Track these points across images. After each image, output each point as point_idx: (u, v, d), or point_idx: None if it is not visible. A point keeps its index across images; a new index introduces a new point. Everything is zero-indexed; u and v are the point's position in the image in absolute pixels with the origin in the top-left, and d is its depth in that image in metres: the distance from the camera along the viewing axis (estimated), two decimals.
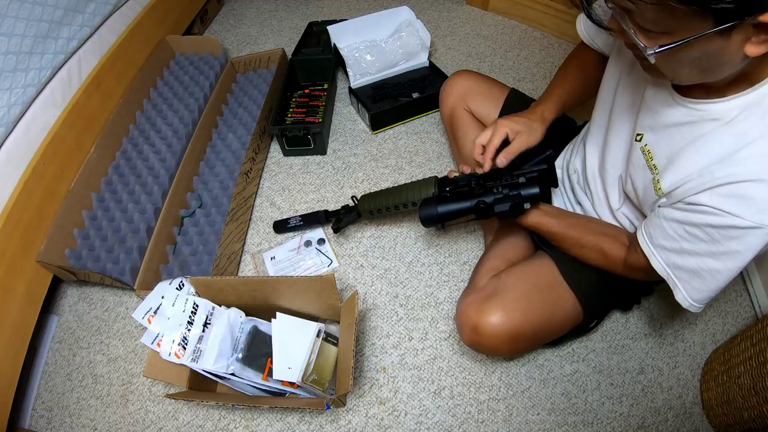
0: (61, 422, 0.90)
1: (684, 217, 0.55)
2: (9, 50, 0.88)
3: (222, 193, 1.15)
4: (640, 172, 0.63)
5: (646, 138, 0.61)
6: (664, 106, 0.58)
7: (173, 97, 1.29)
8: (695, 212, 0.53)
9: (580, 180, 0.81)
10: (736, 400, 0.77)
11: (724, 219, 0.50)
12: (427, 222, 0.77)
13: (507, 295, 0.74)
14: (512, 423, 0.86)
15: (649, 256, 0.60)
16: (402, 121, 1.35)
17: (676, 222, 0.56)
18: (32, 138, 0.93)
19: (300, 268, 1.06)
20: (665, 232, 0.57)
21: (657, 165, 0.59)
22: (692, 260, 0.55)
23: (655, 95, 0.59)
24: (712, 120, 0.52)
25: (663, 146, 0.59)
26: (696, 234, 0.53)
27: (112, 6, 1.16)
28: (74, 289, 1.07)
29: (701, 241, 0.53)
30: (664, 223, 0.58)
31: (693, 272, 0.56)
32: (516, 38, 1.62)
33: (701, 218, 0.52)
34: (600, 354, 0.93)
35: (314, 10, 1.80)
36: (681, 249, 0.56)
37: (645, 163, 0.61)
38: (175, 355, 0.77)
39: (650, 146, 0.61)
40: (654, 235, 0.59)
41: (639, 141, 0.63)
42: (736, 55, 0.42)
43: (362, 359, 0.94)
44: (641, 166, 0.62)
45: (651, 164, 0.60)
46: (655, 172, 0.60)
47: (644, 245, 0.61)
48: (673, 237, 0.56)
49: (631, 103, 0.66)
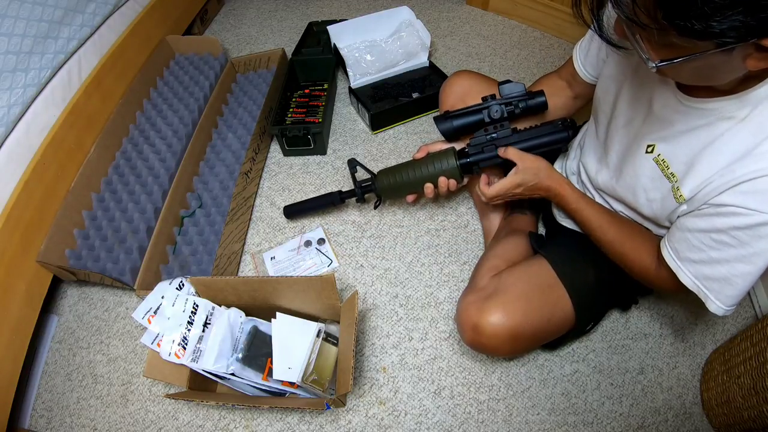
0: (61, 422, 0.90)
1: (708, 224, 0.54)
2: (9, 50, 0.88)
3: (222, 193, 1.15)
4: (657, 184, 0.61)
5: (659, 148, 0.60)
6: (674, 113, 0.57)
7: (173, 97, 1.29)
8: (719, 215, 0.52)
9: (578, 182, 0.82)
10: (736, 400, 0.77)
11: (749, 218, 0.49)
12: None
13: (507, 294, 0.74)
14: (512, 423, 0.86)
15: (676, 271, 0.59)
16: (402, 121, 1.35)
17: (701, 231, 0.55)
18: (32, 138, 0.93)
19: (300, 268, 1.06)
20: (690, 244, 0.56)
21: (675, 173, 0.58)
22: (722, 268, 0.54)
23: (665, 104, 0.59)
24: (727, 119, 0.52)
25: (680, 153, 0.57)
26: (723, 240, 0.52)
27: (112, 6, 1.16)
28: (74, 289, 1.07)
29: (729, 246, 0.52)
30: (688, 235, 0.56)
31: (724, 280, 0.55)
32: (516, 38, 1.62)
33: (726, 222, 0.51)
34: (600, 354, 0.93)
35: (314, 10, 1.80)
36: (709, 259, 0.55)
37: (661, 174, 0.60)
38: (175, 355, 0.77)
39: (664, 155, 0.60)
40: (680, 249, 0.58)
41: (651, 152, 0.61)
42: (738, 66, 0.43)
43: (362, 359, 0.94)
44: (657, 177, 0.61)
45: (668, 173, 0.59)
46: (673, 179, 0.59)
47: (670, 261, 0.60)
48: (699, 248, 0.55)
49: (633, 118, 0.65)
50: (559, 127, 0.79)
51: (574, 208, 0.74)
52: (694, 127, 0.55)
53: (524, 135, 0.80)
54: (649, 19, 0.39)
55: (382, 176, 0.92)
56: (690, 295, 0.59)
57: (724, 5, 0.35)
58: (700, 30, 0.36)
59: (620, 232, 0.70)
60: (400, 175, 0.89)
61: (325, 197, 1.03)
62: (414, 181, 0.88)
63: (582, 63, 0.78)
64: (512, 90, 0.80)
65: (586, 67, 0.78)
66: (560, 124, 0.79)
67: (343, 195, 1.01)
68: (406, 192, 0.91)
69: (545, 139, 0.79)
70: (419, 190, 0.89)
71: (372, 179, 0.94)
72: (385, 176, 0.91)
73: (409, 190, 0.90)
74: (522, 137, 0.80)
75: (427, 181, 0.86)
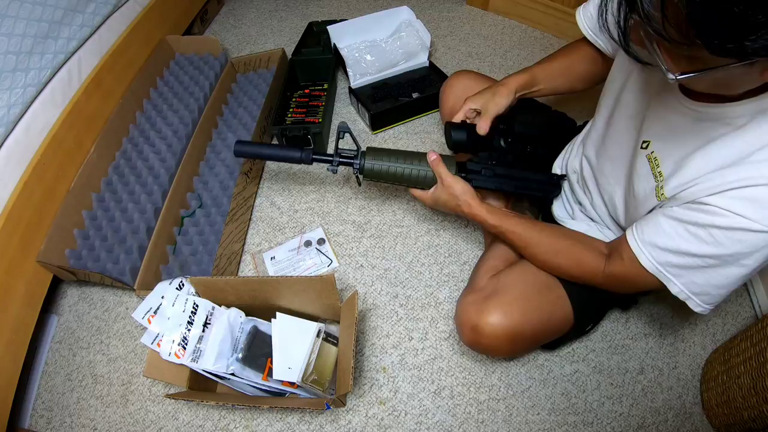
0: (61, 422, 0.90)
1: (686, 215, 0.53)
2: (9, 50, 0.88)
3: (222, 193, 1.15)
4: (643, 181, 0.61)
5: (654, 145, 0.60)
6: (673, 112, 0.57)
7: (173, 97, 1.29)
8: (701, 212, 0.51)
9: (579, 180, 0.81)
10: (736, 400, 0.77)
11: (731, 220, 0.48)
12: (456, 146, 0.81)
13: (506, 295, 0.74)
14: (512, 423, 0.86)
15: (637, 254, 0.58)
16: (402, 121, 1.35)
17: (677, 220, 0.54)
18: (32, 138, 0.93)
19: (300, 268, 1.06)
20: (661, 229, 0.56)
21: (663, 172, 0.58)
22: (690, 260, 0.54)
23: (665, 103, 0.59)
24: (725, 125, 0.51)
25: (672, 152, 0.57)
26: (699, 235, 0.52)
27: (112, 6, 1.16)
28: (74, 289, 1.07)
29: (704, 242, 0.52)
30: (661, 219, 0.56)
31: (690, 269, 0.54)
32: (516, 38, 1.62)
33: (707, 219, 0.51)
34: (600, 354, 0.93)
35: (314, 10, 1.80)
36: (677, 248, 0.54)
37: (649, 171, 0.60)
38: (175, 355, 0.77)
39: (657, 153, 0.59)
40: (645, 231, 0.58)
41: (645, 149, 0.61)
42: (754, 78, 0.42)
43: (362, 359, 0.94)
44: (645, 174, 0.61)
45: (656, 171, 0.59)
46: (659, 179, 0.58)
47: (633, 242, 0.59)
48: (669, 235, 0.55)
49: (636, 111, 0.65)
50: (554, 180, 0.80)
51: (495, 232, 0.76)
52: (690, 129, 0.55)
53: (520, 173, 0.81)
54: (679, 36, 0.38)
55: (370, 155, 0.82)
56: None
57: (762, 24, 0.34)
58: (733, 49, 0.36)
59: (553, 243, 0.71)
60: (390, 164, 0.80)
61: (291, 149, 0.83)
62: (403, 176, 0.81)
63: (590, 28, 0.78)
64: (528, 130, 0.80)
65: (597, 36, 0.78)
66: (555, 178, 0.80)
67: (317, 157, 0.83)
68: (389, 182, 0.84)
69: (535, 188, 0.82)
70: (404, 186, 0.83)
71: (358, 154, 0.82)
72: (373, 156, 0.81)
73: (394, 182, 0.83)
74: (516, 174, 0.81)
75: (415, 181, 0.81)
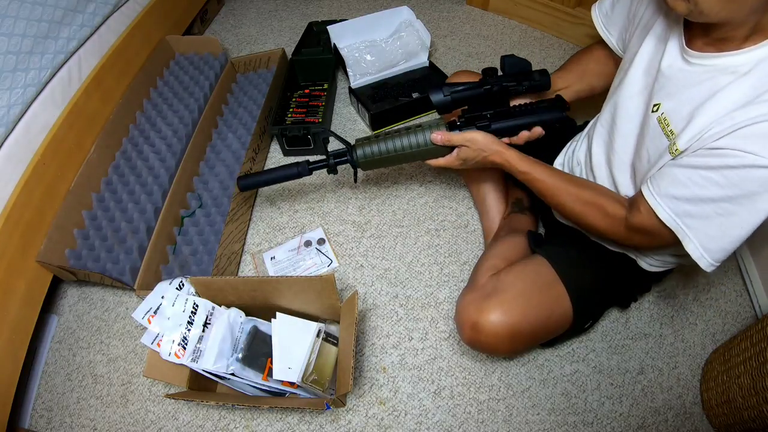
0: (61, 422, 0.90)
1: (699, 161, 0.53)
2: (9, 50, 0.88)
3: (222, 193, 1.15)
4: (656, 141, 0.62)
5: (664, 106, 0.61)
6: (680, 71, 0.59)
7: (173, 97, 1.29)
8: (713, 156, 0.52)
9: (583, 171, 0.81)
10: (736, 400, 0.77)
11: (743, 159, 0.49)
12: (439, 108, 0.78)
13: (506, 293, 0.74)
14: (512, 423, 0.86)
15: (655, 207, 0.58)
16: (402, 121, 1.35)
17: (690, 168, 0.54)
18: (32, 138, 0.93)
19: (300, 268, 1.06)
20: (676, 179, 0.56)
21: (674, 130, 0.58)
22: (706, 207, 0.54)
23: (671, 63, 0.60)
24: (730, 73, 0.53)
25: (681, 109, 0.58)
26: (712, 178, 0.52)
27: (112, 6, 1.16)
28: (74, 289, 1.07)
29: (717, 185, 0.52)
30: (675, 170, 0.56)
31: (706, 218, 0.54)
32: (516, 38, 1.62)
33: (719, 161, 0.51)
34: (600, 354, 0.93)
35: (314, 10, 1.80)
36: (693, 196, 0.54)
37: (661, 132, 0.61)
38: (175, 355, 0.77)
39: (667, 113, 0.60)
40: (661, 185, 0.58)
41: (656, 111, 0.62)
42: None
43: (362, 359, 0.94)
44: (657, 135, 0.61)
45: (668, 131, 0.59)
46: (671, 137, 0.59)
47: (649, 196, 0.59)
48: (684, 183, 0.55)
49: (643, 86, 0.66)
50: (555, 105, 0.77)
51: (524, 179, 0.75)
52: (697, 81, 0.56)
53: (519, 112, 0.78)
54: None
55: (359, 146, 0.81)
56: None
57: None
58: None
59: (578, 191, 0.70)
60: (380, 147, 0.79)
61: (288, 167, 0.86)
62: (396, 154, 0.79)
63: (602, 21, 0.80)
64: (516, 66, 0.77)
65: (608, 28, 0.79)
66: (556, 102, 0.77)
67: (312, 165, 0.85)
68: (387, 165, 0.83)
69: (541, 117, 0.78)
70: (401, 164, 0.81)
71: (348, 149, 0.82)
72: (362, 147, 0.81)
73: (391, 163, 0.82)
74: (517, 114, 0.78)
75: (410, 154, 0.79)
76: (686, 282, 1.01)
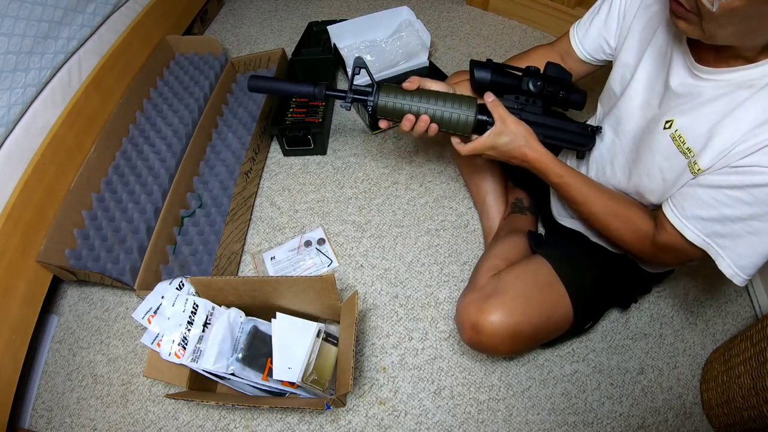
0: (61, 422, 0.90)
1: (723, 180, 0.53)
2: (9, 50, 0.88)
3: (222, 193, 1.15)
4: (672, 161, 0.60)
5: (677, 123, 0.59)
6: (693, 87, 0.57)
7: (173, 97, 1.29)
8: (737, 173, 0.51)
9: None
10: (736, 400, 0.77)
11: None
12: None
13: (507, 294, 0.74)
14: (512, 423, 0.86)
15: (681, 229, 0.57)
16: None
17: (715, 188, 0.54)
18: (32, 138, 0.93)
19: (300, 268, 1.06)
20: (700, 201, 0.55)
21: (691, 147, 0.57)
22: (735, 226, 0.53)
23: (683, 81, 0.59)
24: (746, 88, 0.52)
25: (698, 126, 0.57)
26: (739, 197, 0.52)
27: (112, 6, 1.16)
28: (74, 289, 1.07)
29: (745, 204, 0.51)
30: (699, 191, 0.55)
31: (737, 237, 0.53)
32: (516, 38, 1.62)
33: (745, 179, 0.51)
34: (600, 354, 0.93)
35: (314, 10, 1.80)
36: (721, 216, 0.54)
37: (677, 150, 0.59)
38: (175, 355, 0.77)
39: (681, 130, 0.58)
40: (685, 206, 0.57)
41: (668, 128, 0.60)
42: None
43: (362, 359, 0.94)
44: (672, 154, 0.60)
45: (684, 149, 0.58)
46: (690, 155, 0.57)
47: (673, 218, 0.58)
48: (710, 204, 0.54)
49: (647, 99, 0.65)
50: (588, 132, 0.75)
51: (557, 182, 0.70)
52: (713, 97, 0.55)
53: (552, 120, 0.75)
54: None
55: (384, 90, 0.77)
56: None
57: None
58: None
59: (610, 203, 0.68)
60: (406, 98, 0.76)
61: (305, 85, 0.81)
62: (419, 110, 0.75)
63: (580, 40, 0.77)
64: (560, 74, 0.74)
65: (584, 44, 0.76)
66: (590, 129, 0.76)
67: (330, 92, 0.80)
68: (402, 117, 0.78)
69: (570, 136, 0.75)
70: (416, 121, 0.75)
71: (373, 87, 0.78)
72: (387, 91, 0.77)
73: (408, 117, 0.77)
74: (549, 120, 0.75)
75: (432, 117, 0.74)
76: (686, 282, 1.01)
